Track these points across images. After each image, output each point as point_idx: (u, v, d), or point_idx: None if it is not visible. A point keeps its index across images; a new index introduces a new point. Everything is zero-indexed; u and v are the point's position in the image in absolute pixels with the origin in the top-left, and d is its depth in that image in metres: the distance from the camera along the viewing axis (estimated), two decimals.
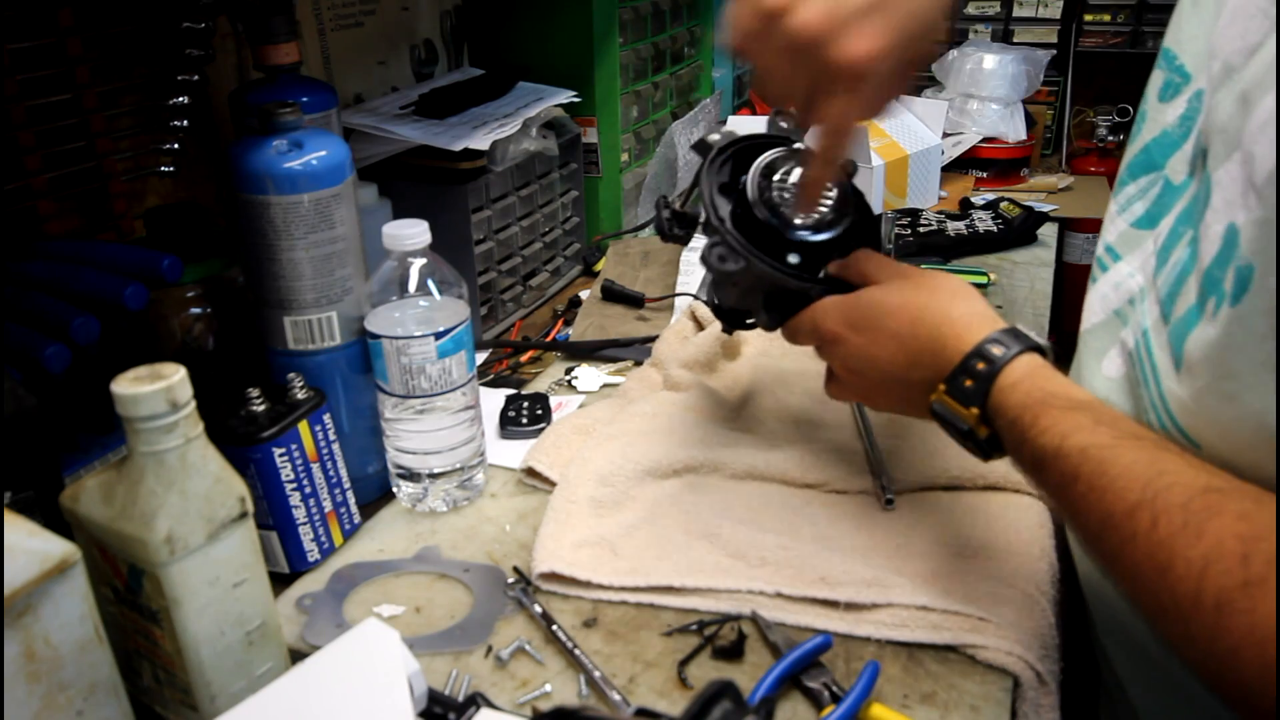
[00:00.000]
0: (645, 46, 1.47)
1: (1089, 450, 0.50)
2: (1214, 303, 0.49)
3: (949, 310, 0.60)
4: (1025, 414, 0.54)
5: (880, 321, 0.62)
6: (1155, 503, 0.46)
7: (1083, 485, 0.49)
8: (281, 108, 0.72)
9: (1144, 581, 0.46)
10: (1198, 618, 0.43)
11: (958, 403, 0.58)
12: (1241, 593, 0.42)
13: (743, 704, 0.53)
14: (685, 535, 0.72)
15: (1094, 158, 2.27)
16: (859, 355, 0.64)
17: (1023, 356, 0.56)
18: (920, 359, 0.60)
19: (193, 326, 0.80)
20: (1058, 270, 1.35)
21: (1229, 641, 0.42)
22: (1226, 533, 0.43)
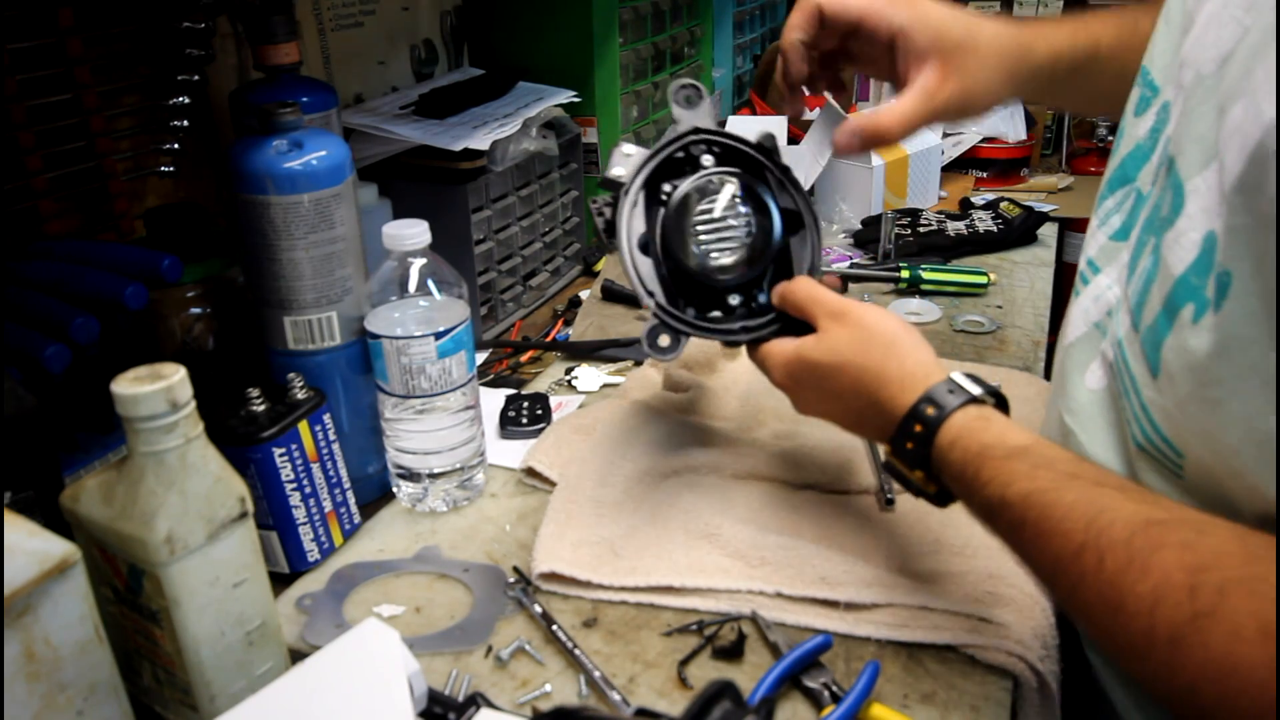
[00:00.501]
0: (645, 46, 1.47)
1: (1031, 496, 0.50)
2: (1193, 310, 0.49)
3: (883, 370, 0.60)
4: (966, 469, 0.55)
5: (823, 382, 0.64)
6: (1099, 541, 0.46)
7: (1029, 531, 0.50)
8: (281, 108, 0.72)
9: (1099, 621, 0.47)
10: (1153, 655, 0.43)
11: (904, 464, 0.59)
12: (1192, 627, 0.42)
13: (743, 704, 0.53)
14: (685, 535, 0.72)
15: (1094, 158, 2.26)
16: (814, 407, 0.67)
17: (958, 413, 0.57)
18: (867, 417, 0.62)
19: (193, 326, 0.80)
20: (1058, 270, 1.35)
21: (1185, 677, 0.42)
22: (1172, 565, 0.43)
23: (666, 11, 1.53)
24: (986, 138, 1.70)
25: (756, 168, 0.71)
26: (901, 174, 1.49)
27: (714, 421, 0.88)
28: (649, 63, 1.50)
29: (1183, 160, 0.53)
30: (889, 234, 1.31)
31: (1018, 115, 1.72)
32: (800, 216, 0.71)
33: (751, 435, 0.85)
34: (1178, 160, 0.54)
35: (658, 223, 0.69)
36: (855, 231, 1.39)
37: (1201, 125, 0.52)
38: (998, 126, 1.70)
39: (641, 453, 0.80)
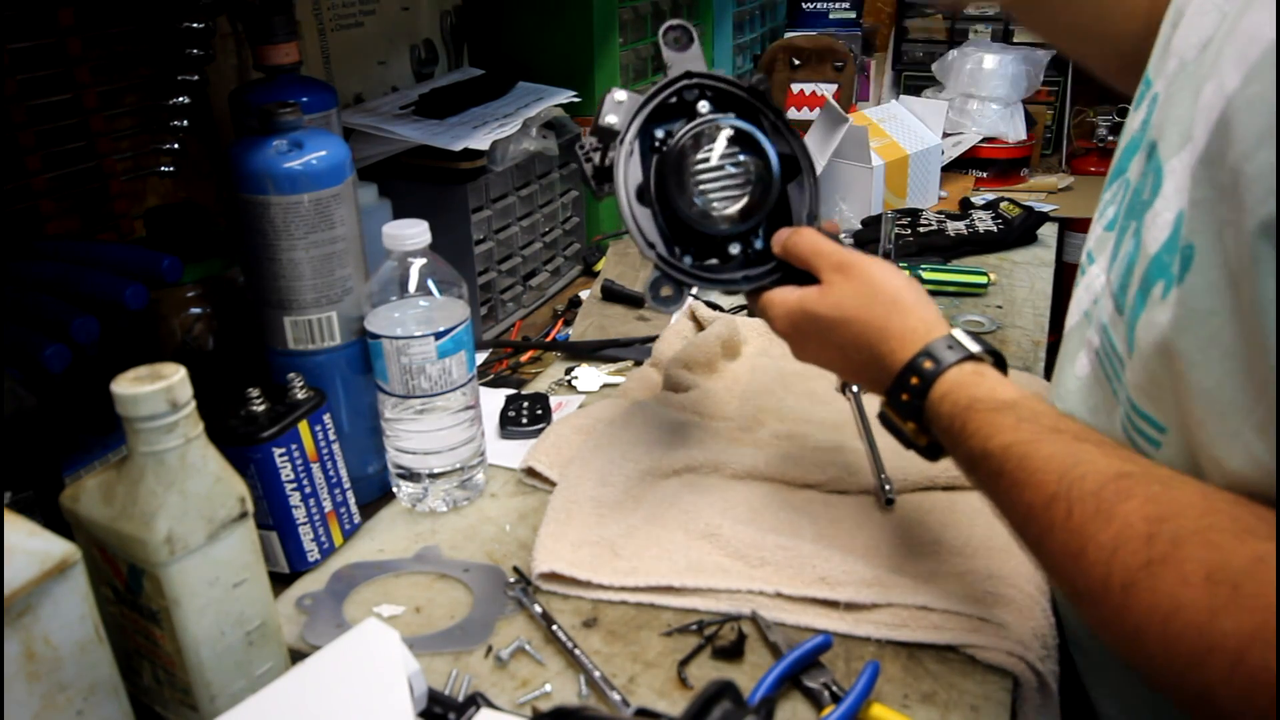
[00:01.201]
0: (645, 46, 1.47)
1: (1011, 448, 0.52)
2: (1161, 287, 0.50)
3: (885, 326, 0.61)
4: (954, 421, 0.56)
5: (825, 334, 0.64)
6: (1070, 492, 0.47)
7: (1006, 481, 0.51)
8: (281, 108, 0.72)
9: (1064, 570, 0.48)
10: (1107, 600, 0.44)
11: (897, 415, 0.60)
12: (1145, 572, 0.43)
13: (743, 704, 0.53)
14: (685, 535, 0.72)
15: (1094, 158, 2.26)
16: (814, 357, 0.67)
17: (953, 369, 0.58)
18: (866, 371, 0.63)
19: (193, 326, 0.80)
20: (1058, 270, 1.35)
21: (1133, 621, 0.43)
22: (1135, 515, 0.44)
23: (666, 11, 1.53)
24: (986, 138, 1.71)
25: (751, 112, 0.70)
26: (901, 174, 1.49)
27: (714, 421, 0.88)
28: (649, 63, 1.50)
29: (1163, 144, 0.54)
30: (889, 234, 1.30)
31: (1018, 115, 1.72)
32: (797, 162, 0.71)
33: (751, 435, 0.85)
34: (1159, 144, 0.55)
35: (653, 171, 0.68)
36: (855, 231, 1.39)
37: (1180, 109, 0.53)
38: (998, 126, 1.70)
39: (642, 453, 0.80)
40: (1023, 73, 1.73)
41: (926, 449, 0.61)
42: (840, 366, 0.67)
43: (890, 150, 1.47)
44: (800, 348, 0.68)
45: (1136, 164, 0.62)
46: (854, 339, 0.63)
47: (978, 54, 1.75)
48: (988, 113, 1.71)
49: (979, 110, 1.72)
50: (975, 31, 2.31)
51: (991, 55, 1.74)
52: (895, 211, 1.38)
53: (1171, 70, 0.57)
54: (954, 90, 1.76)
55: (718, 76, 0.70)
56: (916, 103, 1.64)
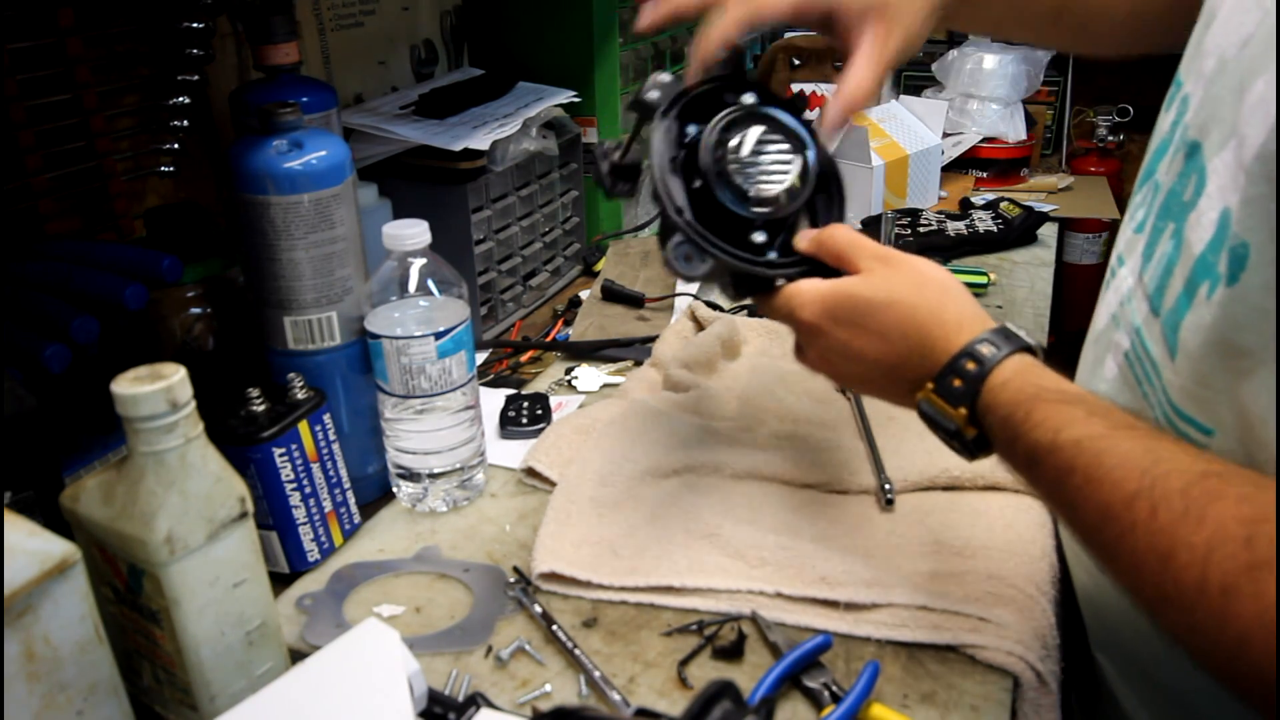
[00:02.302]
0: (645, 46, 1.47)
1: (1083, 442, 0.49)
2: (1207, 287, 0.49)
3: (941, 311, 0.58)
4: (1017, 410, 0.52)
5: (866, 319, 0.60)
6: (1154, 491, 0.45)
7: (1079, 478, 0.48)
8: (281, 108, 0.72)
9: (1146, 572, 0.45)
10: (1203, 605, 0.42)
11: (945, 402, 0.56)
12: (1247, 576, 0.41)
13: (743, 704, 0.53)
14: (685, 535, 0.72)
15: (1094, 158, 2.26)
16: (840, 349, 0.62)
17: (1013, 356, 0.55)
18: (909, 359, 0.58)
19: (193, 326, 0.80)
20: (1058, 270, 1.35)
21: (1237, 627, 0.41)
22: (1228, 517, 0.42)
23: None
24: (986, 138, 1.71)
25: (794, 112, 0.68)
26: (901, 174, 1.49)
27: (714, 421, 0.88)
28: (649, 63, 1.50)
29: (1208, 144, 0.53)
30: (889, 234, 1.30)
31: (1018, 115, 1.72)
32: (829, 176, 0.69)
33: (751, 435, 0.85)
34: (1203, 144, 0.54)
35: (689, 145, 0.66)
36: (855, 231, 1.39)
37: (1224, 108, 0.52)
38: (998, 126, 1.70)
39: (642, 453, 0.80)
40: (1023, 73, 1.73)
41: (972, 442, 0.56)
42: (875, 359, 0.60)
43: (890, 150, 1.47)
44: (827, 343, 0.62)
45: (1168, 165, 0.61)
46: (899, 322, 0.58)
47: (978, 54, 1.75)
48: (988, 113, 1.71)
49: (979, 110, 1.72)
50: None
51: (991, 55, 1.74)
52: (895, 211, 1.37)
53: (1210, 70, 0.56)
54: (954, 90, 1.76)
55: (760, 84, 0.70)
56: (916, 103, 1.64)
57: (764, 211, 0.65)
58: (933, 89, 1.84)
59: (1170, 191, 0.58)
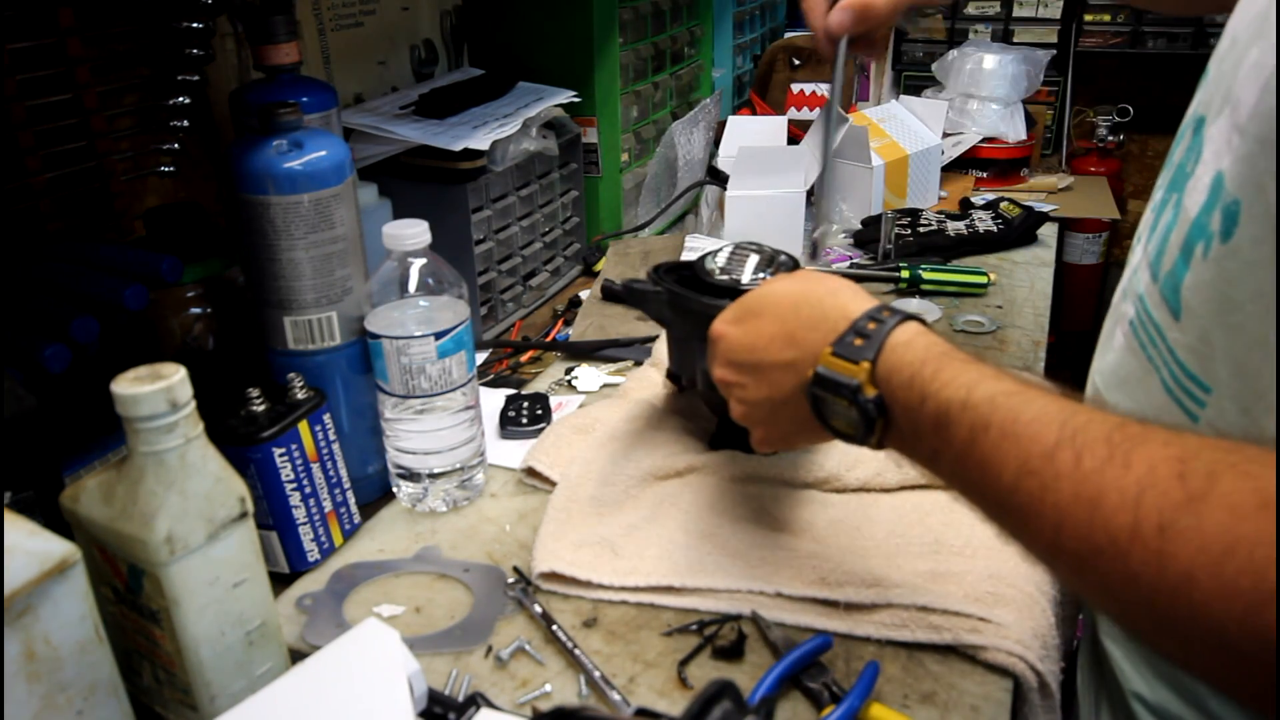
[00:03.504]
0: (645, 46, 1.47)
1: (997, 398, 0.47)
2: (1203, 247, 0.51)
3: (836, 291, 0.59)
4: (925, 368, 0.51)
5: (761, 309, 0.61)
6: (1076, 440, 0.43)
7: (995, 433, 0.46)
8: (281, 108, 0.72)
9: (1073, 523, 0.42)
10: (1138, 549, 0.40)
11: (846, 360, 0.54)
12: (1185, 510, 0.39)
13: (743, 704, 0.53)
14: (685, 535, 0.72)
15: (1094, 158, 2.27)
16: (739, 346, 0.62)
17: (910, 322, 0.55)
18: (802, 334, 0.58)
19: (193, 326, 0.80)
20: (1058, 270, 1.35)
21: (1178, 566, 0.38)
22: (1157, 457, 0.41)
23: (666, 11, 1.53)
24: (986, 138, 1.71)
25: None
26: (901, 174, 1.49)
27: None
28: (649, 63, 1.50)
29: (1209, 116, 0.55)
30: (889, 234, 1.30)
31: (1018, 115, 1.72)
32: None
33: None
34: (1206, 116, 0.55)
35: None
36: (855, 231, 1.39)
37: (1225, 80, 0.53)
38: (998, 126, 1.70)
39: (642, 453, 0.80)
40: (1023, 73, 1.73)
41: (872, 404, 0.53)
42: (768, 340, 0.60)
43: (890, 150, 1.47)
44: (728, 341, 0.63)
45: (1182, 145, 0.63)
46: (795, 305, 0.59)
47: (978, 54, 1.75)
48: (988, 113, 1.72)
49: (979, 110, 1.72)
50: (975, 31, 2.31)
51: (991, 55, 1.74)
52: (895, 211, 1.37)
53: (1224, 50, 0.58)
54: (954, 90, 1.76)
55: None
56: (916, 103, 1.64)
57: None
58: (933, 89, 1.84)
59: (1178, 166, 0.60)
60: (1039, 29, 2.31)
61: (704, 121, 1.53)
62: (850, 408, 0.54)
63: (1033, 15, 2.31)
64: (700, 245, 1.27)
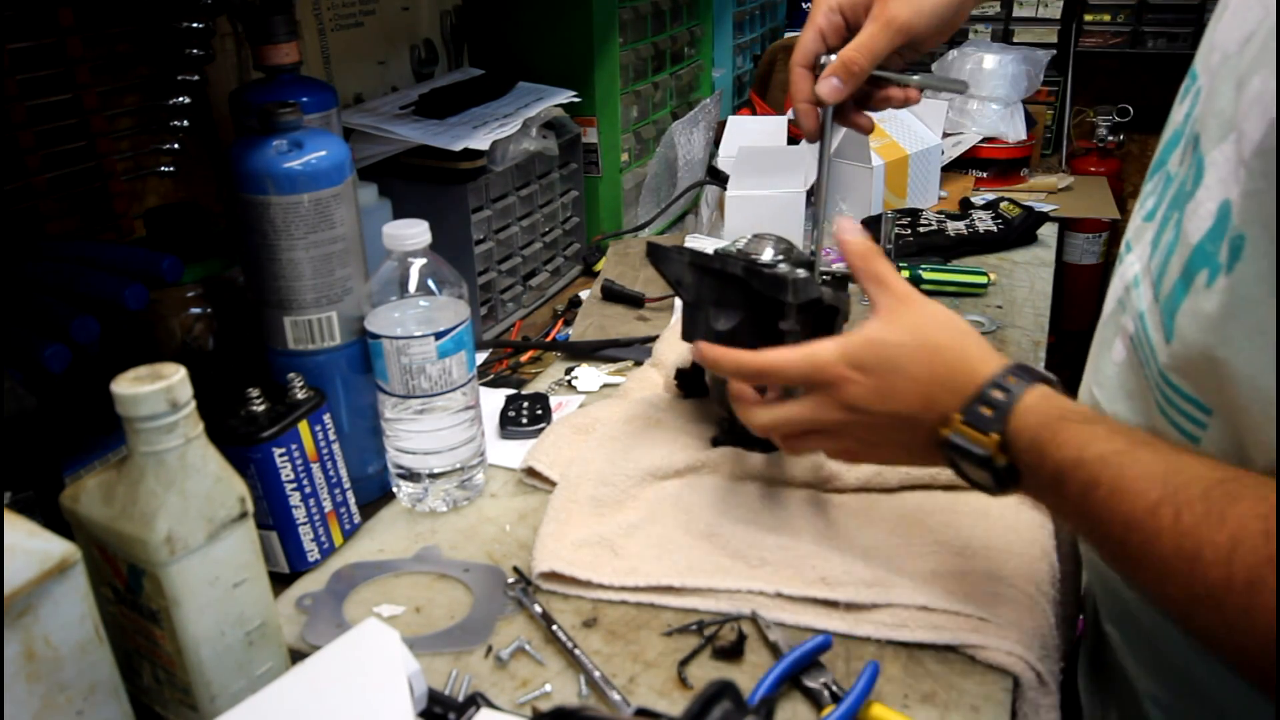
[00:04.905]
0: (645, 46, 1.47)
1: (1108, 457, 0.51)
2: (1207, 275, 0.51)
3: (963, 350, 0.60)
4: (1044, 431, 0.54)
5: (896, 363, 0.61)
6: (1176, 497, 0.47)
7: (1103, 490, 0.50)
8: (281, 108, 0.72)
9: (1173, 575, 0.46)
10: (1231, 600, 0.44)
11: (976, 430, 0.57)
12: (1269, 568, 0.42)
13: (743, 704, 0.53)
14: (685, 535, 0.72)
15: (1094, 158, 2.26)
16: (869, 396, 0.61)
17: (1036, 386, 0.57)
18: (939, 396, 0.59)
19: (193, 326, 0.80)
20: (1058, 270, 1.35)
21: (1264, 619, 0.42)
22: (1249, 515, 0.44)
23: (666, 11, 1.53)
24: (986, 138, 1.71)
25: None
26: (901, 174, 1.49)
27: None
28: (649, 63, 1.50)
29: (1205, 136, 0.55)
30: (889, 234, 1.30)
31: (1018, 115, 1.72)
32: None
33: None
34: (1201, 136, 0.56)
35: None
36: None
37: (1222, 101, 0.54)
38: (998, 126, 1.70)
39: (641, 453, 0.80)
40: (1023, 73, 1.73)
41: (1003, 470, 0.57)
42: (903, 399, 0.60)
43: (890, 150, 1.47)
44: (854, 388, 0.61)
45: (1179, 157, 0.63)
46: (931, 360, 0.60)
47: (978, 54, 1.75)
48: (988, 113, 1.72)
49: (979, 110, 1.72)
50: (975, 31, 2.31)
51: (991, 55, 1.75)
52: (895, 211, 1.37)
53: (1215, 63, 0.58)
54: None
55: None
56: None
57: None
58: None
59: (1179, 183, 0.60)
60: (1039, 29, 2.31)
61: (704, 121, 1.53)
62: (981, 470, 0.58)
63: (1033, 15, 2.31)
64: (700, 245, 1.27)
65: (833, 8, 0.78)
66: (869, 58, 0.75)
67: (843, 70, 0.75)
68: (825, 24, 0.77)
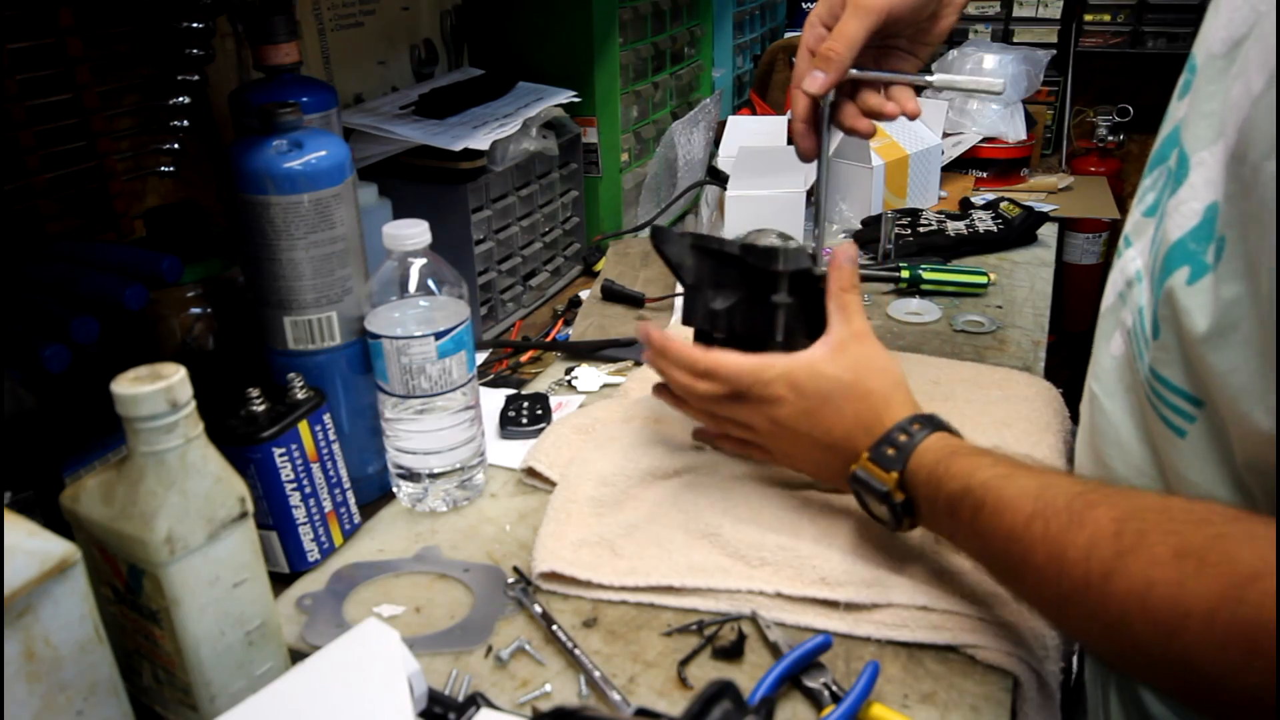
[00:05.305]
0: (645, 46, 1.47)
1: (990, 481, 0.57)
2: (1188, 272, 0.53)
3: (890, 398, 0.67)
4: (939, 466, 0.61)
5: (828, 395, 0.68)
6: (1045, 510, 0.53)
7: (988, 510, 0.56)
8: (281, 108, 0.72)
9: (1048, 579, 0.52)
10: (1089, 593, 0.49)
11: (880, 468, 0.64)
12: (1118, 561, 0.48)
13: (743, 704, 0.53)
14: (685, 535, 0.72)
15: (1094, 158, 2.26)
16: (797, 418, 0.69)
17: (938, 432, 0.64)
18: (855, 436, 0.67)
19: (193, 326, 0.80)
20: (1058, 270, 1.35)
21: (1115, 606, 0.48)
22: (1103, 519, 0.50)
23: (666, 11, 1.53)
24: (986, 138, 1.71)
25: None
26: (901, 174, 1.49)
27: None
28: (649, 63, 1.50)
29: (1188, 133, 0.57)
30: (889, 234, 1.31)
31: (1018, 115, 1.72)
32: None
33: None
34: (1183, 133, 0.58)
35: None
36: (855, 231, 1.39)
37: (1209, 103, 0.55)
38: (998, 126, 1.70)
39: (641, 453, 0.80)
40: (1023, 73, 1.73)
41: (900, 506, 0.63)
42: (827, 426, 0.68)
43: (890, 150, 1.47)
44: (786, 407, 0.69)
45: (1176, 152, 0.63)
46: (858, 402, 0.68)
47: (978, 54, 1.75)
48: (988, 113, 1.71)
49: (979, 110, 1.72)
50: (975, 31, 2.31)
51: (991, 55, 1.75)
52: (895, 211, 1.37)
53: (1202, 62, 0.59)
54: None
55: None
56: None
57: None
58: (933, 89, 1.85)
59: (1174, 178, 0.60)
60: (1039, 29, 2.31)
61: (704, 121, 1.53)
62: (881, 504, 0.64)
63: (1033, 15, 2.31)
64: None
65: (814, 22, 0.80)
66: (845, 44, 0.76)
67: (821, 61, 0.77)
68: (812, 39, 0.80)
